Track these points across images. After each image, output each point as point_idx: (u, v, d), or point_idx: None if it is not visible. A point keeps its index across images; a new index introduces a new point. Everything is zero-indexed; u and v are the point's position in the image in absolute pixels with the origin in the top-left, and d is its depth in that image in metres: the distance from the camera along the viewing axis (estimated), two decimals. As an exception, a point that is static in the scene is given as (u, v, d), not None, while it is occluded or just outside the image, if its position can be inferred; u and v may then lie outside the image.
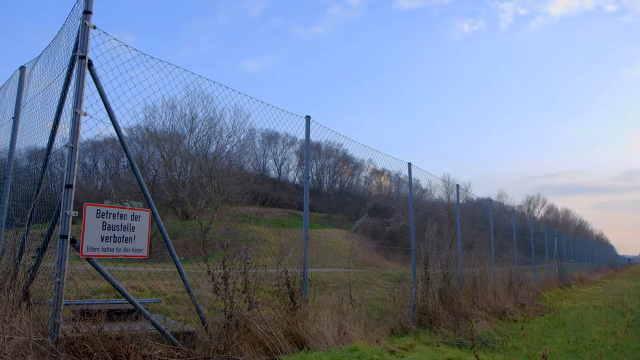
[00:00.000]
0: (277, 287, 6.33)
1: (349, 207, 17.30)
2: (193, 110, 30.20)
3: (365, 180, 37.98)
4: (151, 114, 28.91)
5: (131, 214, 4.73)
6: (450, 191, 28.93)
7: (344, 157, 44.96)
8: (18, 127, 6.38)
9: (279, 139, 56.33)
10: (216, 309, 5.74)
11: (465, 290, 10.76)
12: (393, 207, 20.57)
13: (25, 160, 7.72)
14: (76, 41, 4.55)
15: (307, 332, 5.88)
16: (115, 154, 44.93)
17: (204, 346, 5.07)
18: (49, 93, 5.50)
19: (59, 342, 3.86)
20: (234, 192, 31.08)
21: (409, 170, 10.49)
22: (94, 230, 4.41)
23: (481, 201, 22.34)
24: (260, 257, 6.60)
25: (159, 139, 31.01)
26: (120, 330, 4.32)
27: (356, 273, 15.96)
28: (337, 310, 6.72)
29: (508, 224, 19.39)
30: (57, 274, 3.97)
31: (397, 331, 8.11)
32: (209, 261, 5.57)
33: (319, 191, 48.13)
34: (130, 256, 4.72)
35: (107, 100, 4.71)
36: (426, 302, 9.13)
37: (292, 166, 58.48)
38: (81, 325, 4.12)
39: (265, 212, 38.25)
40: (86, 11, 4.44)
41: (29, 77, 6.48)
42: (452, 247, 12.03)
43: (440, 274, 10.17)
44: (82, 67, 4.39)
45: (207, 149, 32.20)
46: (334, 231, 32.41)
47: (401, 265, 18.19)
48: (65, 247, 4.05)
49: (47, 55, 5.80)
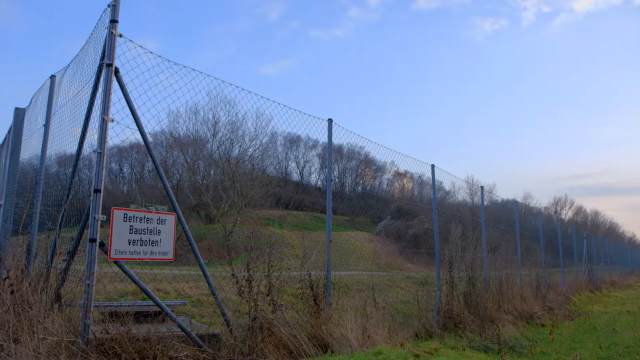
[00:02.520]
0: (301, 290, 6.35)
1: (371, 210, 17.25)
2: (216, 114, 30.56)
3: (388, 182, 37.76)
4: (175, 119, 29.39)
5: (157, 218, 4.81)
6: (474, 193, 28.55)
7: (366, 159, 44.78)
8: (49, 134, 6.55)
9: (301, 142, 56.50)
10: (240, 312, 5.79)
11: (490, 293, 10.61)
12: (416, 210, 20.42)
13: (55, 166, 7.93)
14: (103, 49, 4.65)
15: (330, 335, 5.89)
16: (141, 159, 45.68)
17: (228, 348, 5.12)
18: (77, 100, 5.65)
19: (89, 343, 3.95)
20: (256, 195, 31.29)
21: (432, 172, 10.41)
22: (121, 233, 4.50)
23: (506, 203, 22.03)
24: (284, 260, 6.64)
25: (183, 144, 31.44)
26: (148, 332, 4.39)
27: (379, 276, 15.90)
28: (361, 313, 6.71)
29: (534, 226, 19.03)
30: (87, 276, 4.06)
31: (421, 335, 8.04)
32: (233, 264, 5.63)
33: (341, 194, 48.07)
34: (157, 259, 4.80)
35: (133, 106, 4.80)
36: (451, 306, 9.04)
37: (314, 169, 58.60)
38: (110, 326, 4.21)
39: (288, 215, 38.40)
40: (113, 20, 4.55)
41: (59, 85, 6.66)
42: (476, 250, 11.89)
43: (465, 276, 10.05)
44: (109, 75, 4.49)
45: (230, 152, 32.52)
46: (356, 234, 32.31)
47: (425, 268, 18.06)
48: (94, 251, 4.14)
49: (76, 64, 5.96)
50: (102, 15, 4.90)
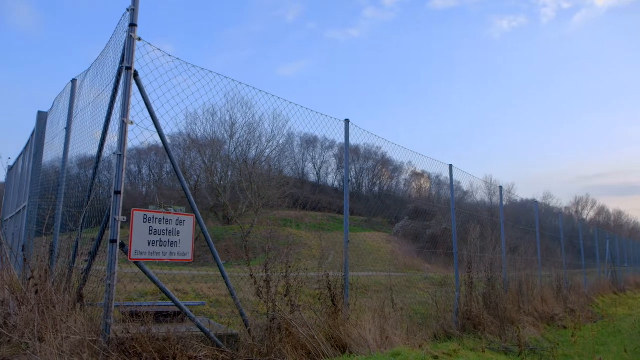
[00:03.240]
0: (319, 291, 6.35)
1: (388, 210, 17.19)
2: (233, 116, 30.77)
3: (405, 182, 37.63)
4: (193, 120, 29.67)
5: (176, 219, 4.86)
6: (493, 193, 28.22)
7: (383, 159, 44.67)
8: (70, 137, 6.67)
9: (318, 143, 56.59)
10: (259, 312, 5.82)
11: (510, 294, 10.47)
12: (434, 210, 20.29)
13: (76, 168, 8.06)
14: (122, 53, 4.72)
15: (349, 336, 5.87)
16: (159, 160, 46.27)
17: (247, 348, 5.15)
18: (98, 103, 5.74)
19: (110, 342, 4.01)
20: (274, 196, 31.43)
21: (450, 172, 10.33)
22: (141, 234, 4.55)
23: (526, 203, 21.77)
24: (301, 260, 6.65)
25: (201, 145, 31.73)
26: (167, 331, 4.44)
27: (397, 277, 15.82)
28: (379, 314, 6.68)
29: (555, 227, 18.76)
30: (108, 276, 4.12)
31: (440, 336, 7.98)
32: (251, 265, 5.65)
33: (358, 194, 48.00)
34: (176, 260, 4.84)
35: (152, 108, 4.85)
36: (470, 307, 8.95)
37: (331, 170, 58.63)
38: (131, 326, 4.26)
39: (305, 215, 38.45)
40: (132, 24, 4.61)
41: (80, 89, 6.77)
42: (496, 250, 11.75)
43: (484, 277, 9.94)
44: (128, 78, 4.55)
45: (247, 154, 32.74)
46: (374, 234, 32.23)
47: (443, 268, 17.92)
48: (115, 251, 4.20)
49: (96, 67, 6.05)
50: (122, 19, 4.97)
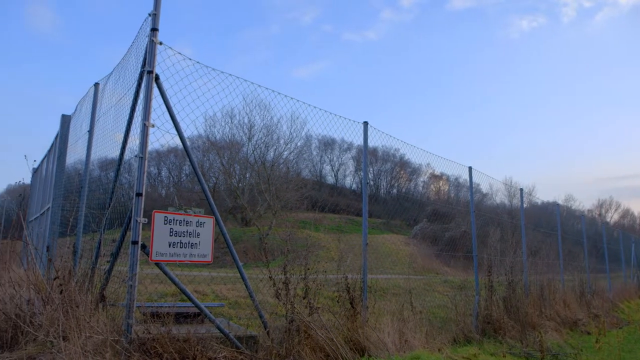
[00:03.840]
0: (337, 293, 6.34)
1: (407, 213, 17.09)
2: (251, 118, 30.96)
3: (423, 185, 37.35)
4: (211, 123, 29.94)
5: (196, 221, 4.90)
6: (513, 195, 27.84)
7: (401, 161, 44.47)
8: (93, 139, 6.79)
9: (335, 145, 56.61)
10: (277, 314, 5.83)
11: (531, 298, 10.32)
12: (453, 212, 20.08)
13: (98, 170, 8.19)
14: (144, 57, 4.79)
15: (367, 339, 5.86)
16: (178, 163, 46.76)
17: (266, 350, 5.17)
18: (120, 107, 5.83)
19: (132, 342, 4.07)
20: (292, 198, 31.52)
21: (470, 174, 10.23)
22: (162, 236, 4.60)
23: (547, 205, 21.45)
24: (320, 262, 6.65)
25: (219, 148, 31.98)
26: (187, 332, 4.48)
27: (416, 279, 15.71)
28: (398, 317, 6.65)
29: (577, 229, 18.44)
30: (130, 277, 4.18)
31: (459, 340, 7.90)
32: (270, 267, 5.67)
33: (376, 196, 47.80)
34: (196, 261, 4.89)
35: (173, 111, 4.91)
36: (490, 311, 8.84)
37: (349, 172, 58.60)
38: (151, 327, 4.31)
39: (323, 217, 38.48)
40: (153, 29, 4.67)
41: (102, 92, 6.89)
42: (516, 254, 11.59)
43: (505, 281, 9.82)
44: (150, 82, 4.61)
45: (265, 156, 32.89)
46: (392, 237, 32.08)
47: (462, 272, 17.74)
48: (136, 253, 4.26)
49: (118, 71, 6.15)
50: (143, 24, 5.05)
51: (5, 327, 4.50)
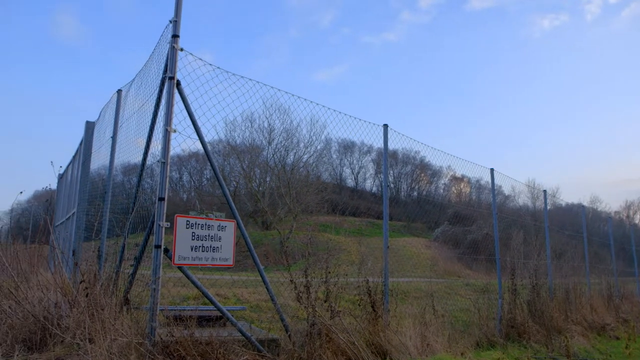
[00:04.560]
0: (358, 297, 6.33)
1: (427, 215, 16.97)
2: (271, 122, 31.12)
3: (444, 187, 37.07)
4: (232, 127, 30.20)
5: (217, 225, 4.94)
6: (536, 197, 27.39)
7: (421, 164, 44.21)
8: (116, 145, 6.90)
9: (355, 148, 56.52)
10: (298, 317, 5.84)
11: (556, 302, 10.13)
12: (474, 215, 19.88)
13: (121, 176, 8.33)
14: (165, 63, 4.85)
15: (389, 342, 5.82)
16: (199, 167, 47.26)
17: (287, 354, 5.17)
18: (142, 113, 5.92)
19: (155, 345, 4.12)
20: (312, 201, 31.56)
21: (492, 176, 10.12)
22: (184, 240, 4.65)
23: (571, 207, 21.03)
24: (341, 266, 6.64)
25: (239, 152, 32.21)
26: (210, 335, 4.51)
27: (437, 283, 15.58)
28: (420, 320, 6.60)
29: (604, 232, 18.06)
30: (153, 281, 4.23)
31: (482, 344, 7.80)
32: (290, 270, 5.69)
33: (396, 199, 47.59)
34: (218, 265, 4.93)
35: (194, 117, 4.97)
36: (514, 314, 8.70)
37: (369, 175, 58.48)
38: (174, 330, 4.36)
39: (343, 221, 38.43)
40: (174, 35, 4.74)
41: (125, 99, 7.01)
42: (540, 256, 11.40)
43: (529, 284, 9.66)
44: (171, 87, 4.67)
45: (285, 159, 33.00)
46: (413, 240, 31.87)
47: (485, 275, 17.52)
48: (159, 257, 4.31)
49: (141, 78, 6.25)
50: (164, 31, 5.12)
51: (34, 329, 4.60)
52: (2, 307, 4.91)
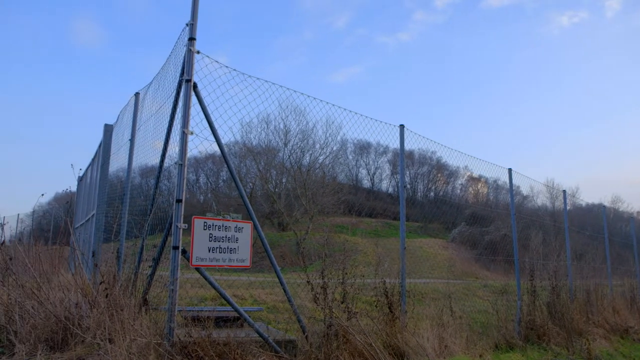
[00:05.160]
0: (375, 298, 6.30)
1: (444, 216, 16.84)
2: (287, 123, 31.21)
3: (461, 187, 36.79)
4: (248, 129, 30.37)
5: (234, 226, 4.97)
6: (555, 197, 27.04)
7: (437, 164, 43.93)
8: (134, 148, 6.99)
9: (371, 149, 56.37)
10: (315, 319, 5.84)
11: (577, 304, 9.96)
12: (492, 215, 19.70)
13: (138, 178, 8.42)
14: (182, 66, 4.90)
15: (406, 344, 5.79)
16: (215, 169, 47.57)
17: (304, 355, 5.18)
18: (159, 115, 5.98)
19: (174, 346, 4.15)
20: (328, 202, 31.55)
21: (510, 176, 10.00)
22: (201, 241, 4.69)
23: (591, 207, 20.72)
24: (358, 267, 6.63)
25: (255, 153, 32.35)
26: (227, 336, 4.54)
27: (455, 284, 15.45)
28: (437, 322, 6.55)
29: (626, 232, 17.70)
30: (171, 282, 4.27)
31: (501, 346, 7.71)
32: (307, 271, 5.69)
33: (413, 200, 47.36)
34: (235, 266, 4.95)
35: (211, 119, 5.00)
36: (533, 316, 8.58)
37: (385, 175, 58.28)
38: (192, 330, 4.39)
39: (360, 222, 38.35)
40: (191, 38, 4.78)
41: (143, 102, 7.09)
42: (560, 257, 11.24)
43: (548, 286, 9.52)
44: (188, 90, 4.71)
45: (301, 161, 33.06)
46: (429, 241, 31.68)
47: (503, 276, 17.35)
48: (177, 258, 4.35)
49: (158, 80, 6.32)
50: (181, 34, 5.17)
51: (56, 328, 4.67)
52: (25, 307, 5.00)
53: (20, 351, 4.42)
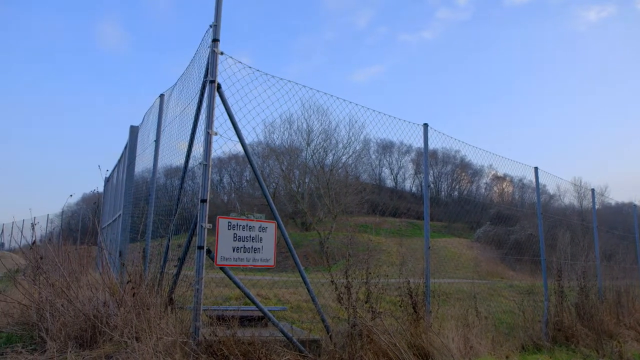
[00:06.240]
0: (399, 298, 6.26)
1: (469, 216, 16.63)
2: (309, 123, 31.25)
3: (486, 186, 36.29)
4: (271, 129, 30.52)
5: (259, 226, 4.99)
6: (583, 196, 26.42)
7: (462, 163, 43.40)
8: (159, 149, 7.08)
9: (394, 148, 56.09)
10: (339, 318, 5.83)
11: (607, 305, 9.72)
12: (517, 215, 19.38)
13: (163, 178, 8.53)
14: (206, 67, 4.94)
15: (431, 344, 5.73)
16: (239, 169, 47.95)
17: (329, 354, 5.17)
18: (184, 116, 6.05)
19: (199, 344, 4.20)
20: (351, 202, 31.50)
21: (536, 175, 9.81)
22: (226, 241, 4.71)
23: (622, 206, 20.20)
24: (381, 266, 6.59)
25: (278, 153, 32.49)
26: (252, 335, 4.56)
27: (480, 284, 15.24)
28: (462, 322, 6.47)
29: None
30: (196, 281, 4.31)
31: (528, 347, 7.57)
32: (331, 271, 5.68)
33: (437, 199, 46.92)
34: (259, 266, 4.97)
35: (235, 119, 5.03)
36: (561, 317, 8.40)
37: (409, 175, 57.93)
38: (217, 329, 4.43)
39: (383, 221, 38.15)
40: (215, 39, 4.82)
41: (167, 103, 7.18)
42: (588, 257, 10.99)
43: (576, 286, 9.31)
44: (212, 91, 4.75)
45: (324, 160, 33.07)
46: (454, 240, 31.33)
47: (529, 276, 17.05)
48: (202, 257, 4.39)
49: (182, 82, 6.39)
50: (205, 36, 5.22)
51: (85, 326, 4.77)
52: (56, 305, 5.12)
53: (51, 348, 4.52)
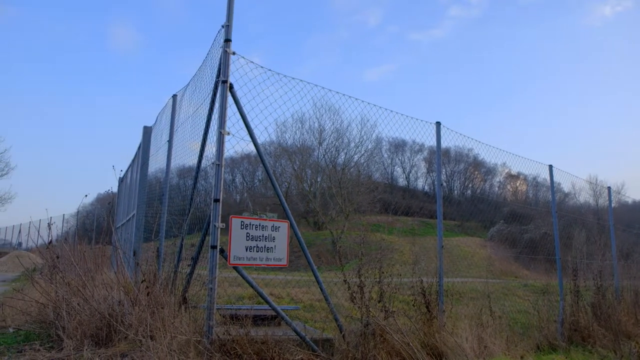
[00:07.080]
0: (412, 297, 6.23)
1: (482, 214, 16.51)
2: (321, 122, 31.25)
3: (499, 185, 36.01)
4: (283, 129, 30.58)
5: (271, 225, 5.00)
6: (599, 194, 26.12)
7: (475, 162, 43.11)
8: (172, 149, 7.13)
9: (406, 147, 55.88)
10: (352, 318, 5.82)
11: (624, 305, 9.57)
12: (531, 213, 19.20)
13: (176, 178, 8.59)
14: (218, 67, 4.96)
15: (444, 343, 5.70)
16: (251, 169, 48.12)
17: (341, 354, 5.16)
18: (196, 116, 6.08)
19: (213, 343, 4.22)
20: (364, 201, 31.44)
21: (550, 173, 9.70)
22: (239, 240, 4.73)
23: (639, 204, 19.91)
24: (394, 266, 6.57)
25: (291, 153, 32.53)
26: (265, 334, 4.58)
27: (494, 283, 15.13)
28: (476, 322, 6.42)
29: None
30: (209, 281, 4.33)
31: (543, 347, 7.49)
32: (343, 270, 5.67)
33: (449, 198, 46.64)
34: (272, 265, 4.98)
35: (247, 119, 5.04)
36: (577, 317, 8.30)
37: (421, 173, 57.68)
38: (231, 328, 4.45)
39: (396, 220, 38.01)
40: (227, 39, 4.83)
41: (180, 103, 7.22)
42: (605, 257, 10.84)
43: (593, 285, 9.19)
44: (224, 91, 4.76)
45: (336, 159, 33.07)
46: (467, 239, 31.12)
47: (544, 275, 16.89)
48: (215, 257, 4.40)
49: (194, 82, 6.43)
50: (217, 36, 5.24)
51: (100, 325, 4.83)
52: (72, 304, 5.18)
53: (68, 346, 4.58)
